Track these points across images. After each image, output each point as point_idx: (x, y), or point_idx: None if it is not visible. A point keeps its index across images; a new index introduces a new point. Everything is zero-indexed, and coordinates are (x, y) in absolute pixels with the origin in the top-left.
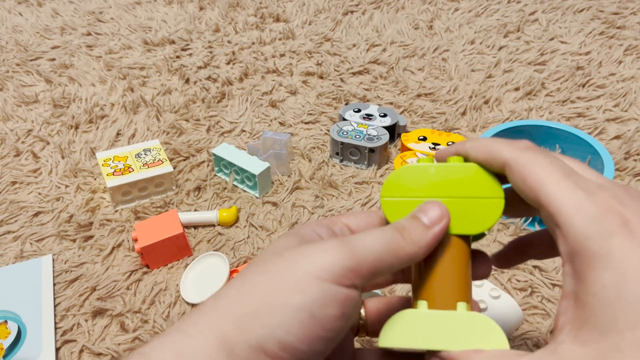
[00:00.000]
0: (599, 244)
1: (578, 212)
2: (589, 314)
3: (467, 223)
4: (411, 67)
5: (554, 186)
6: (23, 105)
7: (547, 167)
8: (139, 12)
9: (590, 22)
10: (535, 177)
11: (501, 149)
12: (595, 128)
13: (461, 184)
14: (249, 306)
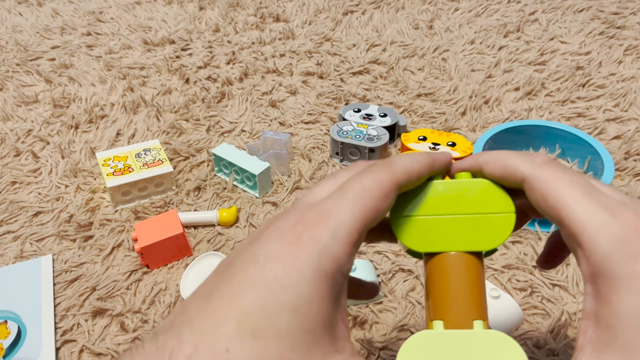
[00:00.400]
0: (623, 266)
1: (602, 233)
2: (612, 337)
3: (478, 239)
4: (411, 67)
5: (577, 205)
6: (23, 105)
7: (569, 185)
8: (139, 12)
9: (590, 22)
10: (556, 195)
11: (518, 164)
12: (595, 128)
13: (471, 200)
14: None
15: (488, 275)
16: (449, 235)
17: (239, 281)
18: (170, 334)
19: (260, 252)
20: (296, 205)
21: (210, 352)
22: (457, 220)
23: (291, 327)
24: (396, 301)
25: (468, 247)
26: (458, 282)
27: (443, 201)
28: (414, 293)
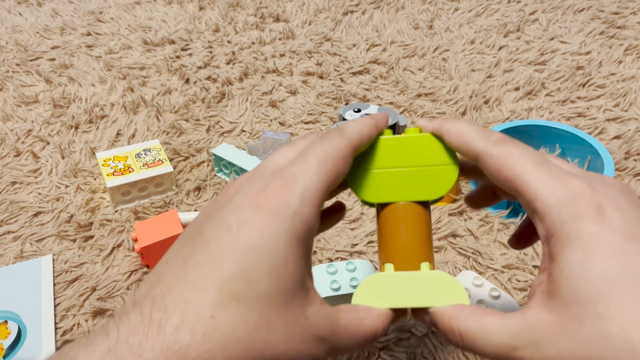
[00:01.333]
0: (571, 227)
1: (552, 198)
2: (557, 288)
3: (424, 190)
4: (411, 67)
5: (529, 175)
6: (23, 105)
7: (520, 157)
8: (139, 12)
9: (591, 22)
10: (509, 168)
11: (475, 140)
12: (595, 128)
13: (417, 154)
14: None
15: (488, 276)
16: (398, 187)
17: (214, 249)
18: (155, 305)
19: (232, 218)
20: (260, 171)
21: (197, 321)
22: (404, 173)
23: (270, 289)
24: None
25: (415, 197)
26: (406, 229)
27: (392, 156)
28: None
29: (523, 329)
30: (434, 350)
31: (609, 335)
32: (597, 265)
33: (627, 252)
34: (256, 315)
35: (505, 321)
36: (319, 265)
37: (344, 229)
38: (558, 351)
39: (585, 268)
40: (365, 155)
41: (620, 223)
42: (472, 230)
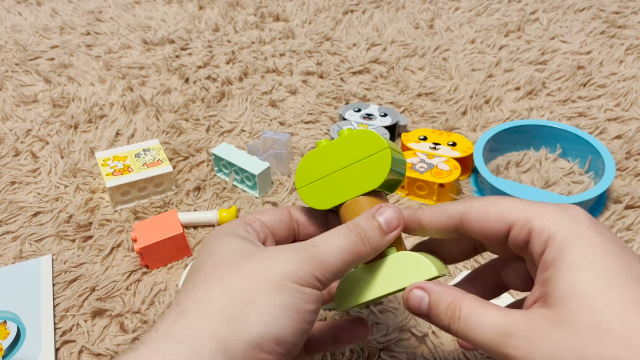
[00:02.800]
0: (569, 232)
1: (546, 215)
2: (554, 286)
3: (366, 181)
4: (411, 67)
5: (517, 207)
6: (22, 105)
7: (501, 198)
8: (138, 11)
9: (591, 22)
10: (496, 209)
11: (452, 207)
12: (596, 128)
13: (351, 151)
14: (238, 307)
15: None
16: (343, 187)
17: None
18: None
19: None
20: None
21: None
22: (344, 172)
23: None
24: (396, 301)
25: (360, 190)
26: None
27: (330, 160)
28: None
29: (518, 318)
30: (434, 351)
31: (607, 329)
32: (595, 262)
33: (620, 255)
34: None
35: (503, 311)
36: None
37: None
38: (552, 344)
39: (585, 263)
40: (308, 167)
41: (609, 233)
42: None
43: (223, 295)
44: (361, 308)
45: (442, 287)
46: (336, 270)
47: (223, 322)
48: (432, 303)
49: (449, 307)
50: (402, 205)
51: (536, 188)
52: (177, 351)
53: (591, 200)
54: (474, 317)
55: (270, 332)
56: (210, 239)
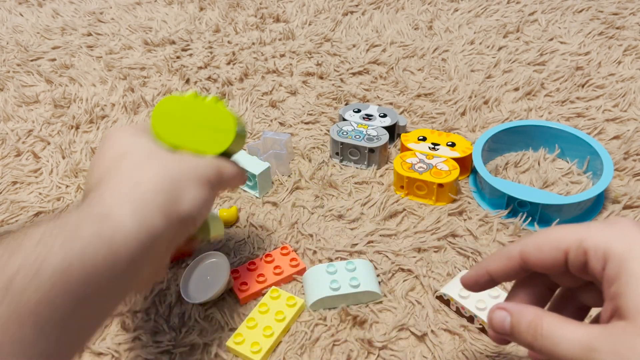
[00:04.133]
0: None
1: (618, 242)
2: (628, 299)
3: (208, 145)
4: (411, 68)
5: (596, 235)
6: (24, 105)
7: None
8: (140, 12)
9: (590, 23)
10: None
11: (510, 250)
12: (594, 128)
13: (207, 117)
14: (176, 188)
15: None
16: (190, 138)
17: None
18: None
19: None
20: None
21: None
22: (195, 129)
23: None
24: (396, 301)
25: (201, 149)
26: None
27: (187, 113)
28: (414, 293)
29: (601, 333)
30: (433, 350)
31: None
32: None
33: None
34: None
35: (584, 326)
36: (319, 265)
37: (344, 229)
38: (637, 355)
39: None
40: (170, 108)
41: None
42: (471, 230)
43: (163, 178)
44: (360, 307)
45: (522, 306)
46: (223, 182)
47: (165, 196)
48: (514, 322)
49: (531, 325)
50: (402, 205)
51: (535, 188)
52: (129, 208)
53: (590, 200)
54: (557, 333)
55: (194, 214)
56: (122, 136)
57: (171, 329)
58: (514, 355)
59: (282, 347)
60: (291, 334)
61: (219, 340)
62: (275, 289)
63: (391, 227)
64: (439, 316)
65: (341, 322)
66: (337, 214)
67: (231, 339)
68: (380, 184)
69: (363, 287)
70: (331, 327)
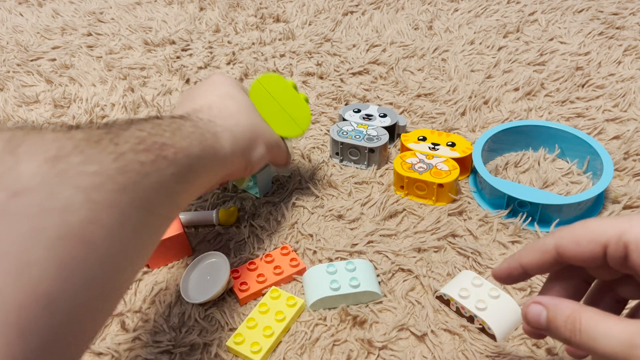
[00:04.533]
0: None
1: None
2: None
3: (280, 127)
4: (411, 68)
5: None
6: (24, 105)
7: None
8: (140, 12)
9: (590, 23)
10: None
11: (545, 243)
12: (594, 128)
13: (293, 108)
14: (255, 124)
15: (487, 275)
16: (271, 113)
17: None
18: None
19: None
20: None
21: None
22: (279, 108)
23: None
24: (396, 301)
25: (273, 126)
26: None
27: (283, 94)
28: (414, 293)
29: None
30: (433, 350)
31: None
32: None
33: None
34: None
35: (624, 321)
36: (319, 265)
37: (344, 229)
38: None
39: None
40: (271, 83)
41: None
42: (471, 230)
43: (252, 130)
44: (360, 307)
45: (559, 300)
46: (277, 155)
47: (248, 143)
48: (551, 317)
49: (568, 320)
50: (402, 205)
51: (535, 188)
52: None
53: (589, 200)
54: (597, 329)
55: (254, 164)
56: (229, 83)
57: (171, 329)
58: (514, 356)
59: (282, 347)
60: (291, 334)
61: (219, 340)
62: (275, 289)
63: (391, 227)
64: (439, 316)
65: (341, 322)
66: (337, 214)
67: (231, 339)
68: (380, 184)
69: (363, 287)
70: (331, 327)
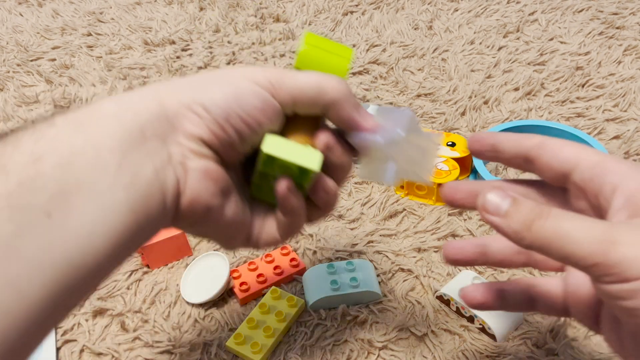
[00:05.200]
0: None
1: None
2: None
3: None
4: (411, 68)
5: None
6: (24, 105)
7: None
8: (139, 12)
9: (590, 22)
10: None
11: (529, 136)
12: (594, 128)
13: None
14: (186, 82)
15: (487, 275)
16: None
17: None
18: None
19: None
20: None
21: None
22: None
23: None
24: (396, 301)
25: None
26: (301, 124)
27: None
28: (414, 293)
29: (624, 225)
30: (433, 350)
31: None
32: None
33: None
34: None
35: (594, 219)
36: (319, 265)
37: (344, 229)
38: None
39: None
40: (319, 41)
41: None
42: (471, 230)
43: (183, 78)
44: (360, 307)
45: (523, 201)
46: (293, 87)
47: (169, 87)
48: (512, 209)
49: (534, 211)
50: (402, 205)
51: None
52: (124, 96)
53: None
54: (568, 223)
55: (200, 99)
56: (237, 73)
57: (171, 329)
58: (515, 356)
59: (282, 347)
60: (291, 334)
61: (219, 340)
62: (275, 289)
63: (391, 227)
64: (439, 316)
65: (341, 322)
66: (337, 214)
67: (231, 339)
68: (380, 184)
69: (363, 287)
70: (331, 327)
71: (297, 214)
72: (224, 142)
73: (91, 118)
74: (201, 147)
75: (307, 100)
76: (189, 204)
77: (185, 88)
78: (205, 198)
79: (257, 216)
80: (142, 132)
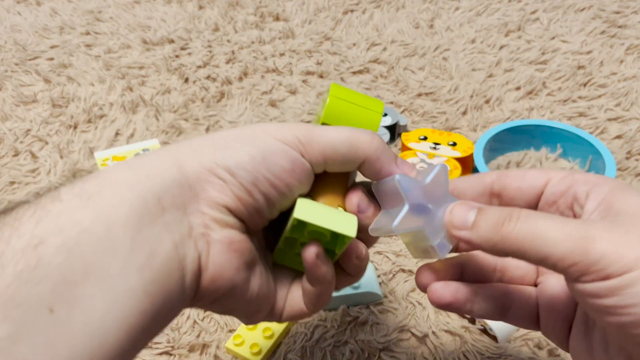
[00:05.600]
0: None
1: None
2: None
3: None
4: (412, 67)
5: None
6: (22, 104)
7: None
8: (138, 11)
9: (592, 21)
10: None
11: (486, 174)
12: (596, 127)
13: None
14: (208, 142)
15: None
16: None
17: None
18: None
19: None
20: None
21: None
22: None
23: None
24: (396, 302)
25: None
26: (332, 184)
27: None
28: (415, 294)
29: (600, 222)
30: (434, 351)
31: None
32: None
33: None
34: None
35: (567, 217)
36: None
37: None
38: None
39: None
40: (344, 93)
41: None
42: None
43: (203, 137)
44: (361, 308)
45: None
46: (324, 145)
47: (189, 148)
48: (478, 218)
49: (503, 215)
50: None
51: None
52: (140, 159)
53: None
54: (541, 222)
55: (225, 161)
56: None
57: (170, 330)
58: (515, 357)
59: (282, 348)
60: (291, 336)
61: (218, 341)
62: None
63: None
64: (440, 317)
65: (341, 323)
66: None
67: (230, 341)
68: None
69: (363, 288)
70: (331, 329)
71: (327, 283)
72: (250, 209)
73: (101, 189)
74: (226, 216)
75: (341, 158)
76: (211, 281)
77: (207, 148)
78: (229, 274)
79: (281, 285)
80: (159, 201)
